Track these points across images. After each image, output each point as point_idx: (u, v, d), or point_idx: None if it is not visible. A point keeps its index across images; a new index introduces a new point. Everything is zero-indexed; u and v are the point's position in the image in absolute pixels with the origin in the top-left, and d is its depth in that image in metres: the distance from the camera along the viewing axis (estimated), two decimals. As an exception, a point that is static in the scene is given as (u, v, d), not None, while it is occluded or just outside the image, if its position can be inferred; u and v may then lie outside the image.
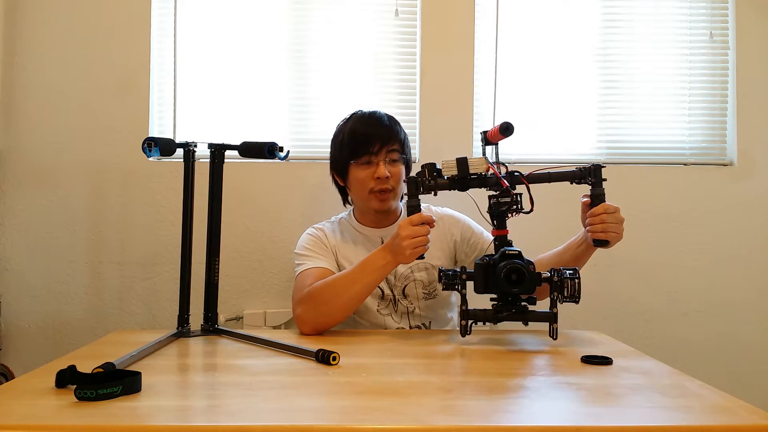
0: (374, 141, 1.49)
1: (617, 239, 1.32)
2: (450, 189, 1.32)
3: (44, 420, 0.82)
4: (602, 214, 1.30)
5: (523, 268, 1.20)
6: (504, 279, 1.20)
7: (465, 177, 1.29)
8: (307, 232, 1.60)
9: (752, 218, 2.06)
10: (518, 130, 1.27)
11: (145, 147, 1.28)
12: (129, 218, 1.98)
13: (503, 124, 1.24)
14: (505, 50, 2.07)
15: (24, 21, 1.97)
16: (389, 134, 1.51)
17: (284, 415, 0.85)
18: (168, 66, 2.03)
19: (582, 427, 0.81)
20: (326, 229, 1.61)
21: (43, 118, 1.98)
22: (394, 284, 1.55)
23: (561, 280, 1.22)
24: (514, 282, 1.20)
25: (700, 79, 2.10)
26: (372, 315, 1.54)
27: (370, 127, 1.52)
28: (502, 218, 1.30)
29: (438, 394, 0.94)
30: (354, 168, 1.52)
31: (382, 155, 1.49)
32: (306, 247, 1.55)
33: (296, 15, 2.05)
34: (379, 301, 1.55)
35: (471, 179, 1.29)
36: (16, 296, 1.97)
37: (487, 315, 1.25)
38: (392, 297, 1.55)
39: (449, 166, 1.29)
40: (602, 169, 1.30)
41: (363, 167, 1.50)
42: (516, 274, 1.20)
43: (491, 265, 1.23)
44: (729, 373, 2.00)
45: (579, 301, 1.22)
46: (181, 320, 1.38)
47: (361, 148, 1.49)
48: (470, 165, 1.28)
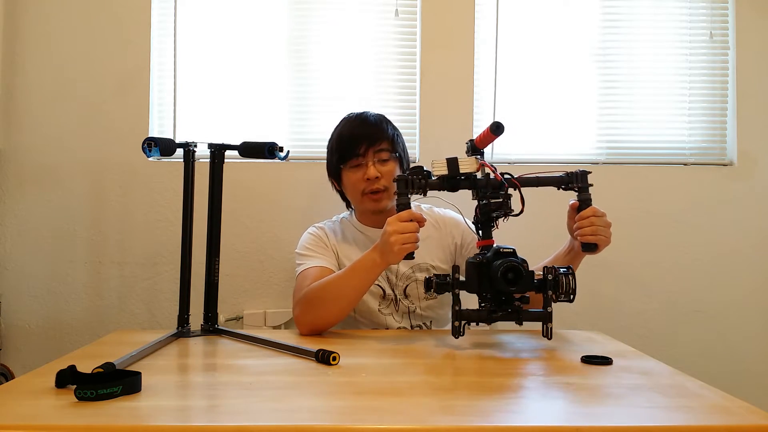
0: (360, 143, 1.49)
1: (606, 243, 1.30)
2: (439, 189, 1.29)
3: (44, 420, 0.82)
4: (591, 216, 1.28)
5: (520, 266, 1.17)
6: (501, 278, 1.16)
7: (455, 177, 1.26)
8: (308, 232, 1.61)
9: (752, 218, 2.06)
10: (518, 130, 1.26)
11: (145, 147, 1.28)
12: (129, 218, 1.98)
13: (493, 124, 1.21)
14: (505, 50, 2.07)
15: (24, 21, 1.97)
16: (375, 134, 1.51)
17: (284, 415, 0.85)
18: (168, 66, 2.03)
19: (582, 427, 0.81)
20: (327, 228, 1.61)
21: (43, 118, 1.98)
22: (395, 284, 1.55)
23: (555, 278, 1.19)
24: (510, 281, 1.17)
25: (700, 79, 2.10)
26: (373, 314, 1.55)
27: (355, 129, 1.53)
28: (489, 227, 1.27)
29: (438, 394, 0.94)
30: (345, 172, 1.53)
31: (369, 156, 1.50)
32: (307, 246, 1.56)
33: (296, 15, 2.05)
34: (380, 300, 1.55)
35: (461, 180, 1.27)
36: (16, 296, 1.97)
37: (481, 315, 1.21)
38: (393, 297, 1.55)
39: (439, 165, 1.26)
40: (588, 174, 1.29)
41: (353, 170, 1.51)
42: (513, 272, 1.16)
43: (485, 264, 1.19)
44: (729, 373, 2.00)
45: (574, 300, 1.20)
46: (181, 320, 1.38)
47: (348, 151, 1.51)
48: (461, 165, 1.25)
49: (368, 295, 1.53)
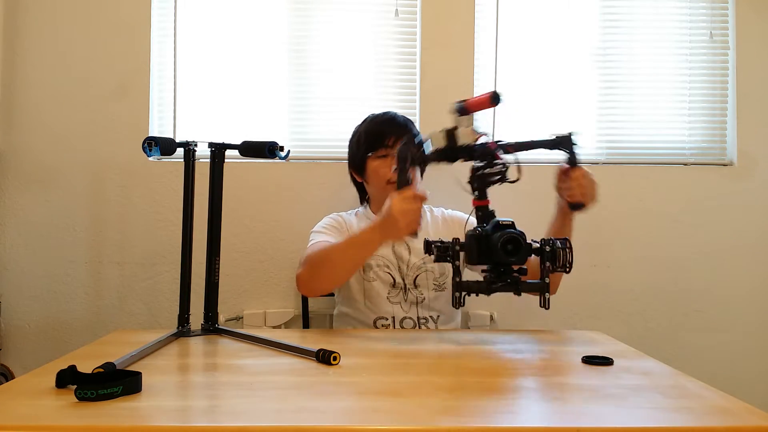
0: (389, 135, 1.61)
1: (592, 201, 1.37)
2: (438, 161, 1.29)
3: (44, 420, 0.82)
4: (578, 176, 1.35)
5: (520, 237, 1.18)
6: (501, 249, 1.17)
7: (453, 147, 1.27)
8: (326, 216, 1.69)
9: (752, 218, 2.06)
10: (518, 130, 1.27)
11: (146, 146, 1.28)
12: (129, 218, 1.98)
13: (493, 92, 1.25)
14: (505, 50, 2.07)
15: (24, 21, 1.97)
16: (403, 127, 1.64)
17: (285, 416, 0.85)
18: (168, 66, 2.03)
19: (582, 428, 0.81)
20: (344, 216, 1.70)
21: (43, 118, 1.98)
22: (406, 273, 1.60)
23: (553, 249, 1.21)
24: (510, 252, 1.17)
25: (700, 79, 2.10)
26: (382, 301, 1.58)
27: (385, 123, 1.65)
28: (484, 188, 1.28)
29: (439, 395, 0.94)
30: (371, 161, 1.63)
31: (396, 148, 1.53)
32: (322, 226, 1.64)
33: (296, 15, 2.05)
34: (390, 288, 1.59)
35: (459, 150, 1.28)
36: (16, 296, 1.97)
37: (480, 286, 1.22)
38: (403, 285, 1.60)
39: (437, 137, 1.28)
40: (574, 136, 1.36)
41: (380, 160, 1.61)
42: (512, 243, 1.17)
43: (484, 236, 1.20)
44: (729, 373, 2.00)
45: (570, 271, 1.21)
46: (182, 320, 1.38)
47: (377, 141, 1.62)
48: (458, 136, 1.27)
49: (378, 282, 1.59)
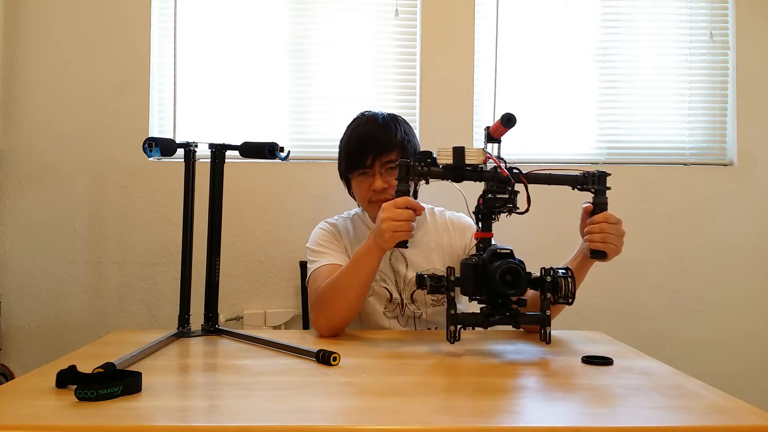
0: (366, 154, 1.44)
1: (616, 252, 1.23)
2: (443, 178, 1.20)
3: (44, 420, 0.82)
4: (603, 223, 1.21)
5: (519, 267, 1.11)
6: (499, 280, 1.09)
7: (460, 167, 1.17)
8: (319, 227, 1.58)
9: (752, 218, 2.07)
10: (518, 130, 1.23)
11: (146, 147, 1.28)
12: (129, 218, 1.98)
13: (504, 116, 1.13)
14: (505, 50, 2.07)
15: (24, 21, 1.97)
16: (384, 144, 1.45)
17: (284, 416, 0.85)
18: (168, 66, 2.03)
19: (582, 428, 0.81)
20: (338, 224, 1.59)
21: (43, 118, 1.98)
22: (402, 288, 1.52)
23: (554, 280, 1.14)
24: (509, 283, 1.10)
25: (700, 79, 2.10)
26: (378, 317, 1.52)
27: (362, 139, 1.48)
28: (489, 219, 1.21)
29: (439, 395, 0.94)
30: (353, 179, 1.51)
31: (376, 167, 1.45)
32: (318, 242, 1.53)
33: (296, 15, 2.05)
34: (386, 303, 1.52)
35: (466, 170, 1.18)
36: (16, 296, 1.97)
37: (477, 319, 1.15)
38: (400, 301, 1.52)
39: (445, 153, 1.18)
40: (607, 177, 1.21)
41: (361, 178, 1.49)
42: (511, 274, 1.10)
43: (481, 265, 1.13)
44: (729, 373, 2.00)
45: (573, 302, 1.15)
46: (182, 320, 1.38)
47: (355, 161, 1.47)
48: (467, 155, 1.17)
49: (373, 298, 1.51)
